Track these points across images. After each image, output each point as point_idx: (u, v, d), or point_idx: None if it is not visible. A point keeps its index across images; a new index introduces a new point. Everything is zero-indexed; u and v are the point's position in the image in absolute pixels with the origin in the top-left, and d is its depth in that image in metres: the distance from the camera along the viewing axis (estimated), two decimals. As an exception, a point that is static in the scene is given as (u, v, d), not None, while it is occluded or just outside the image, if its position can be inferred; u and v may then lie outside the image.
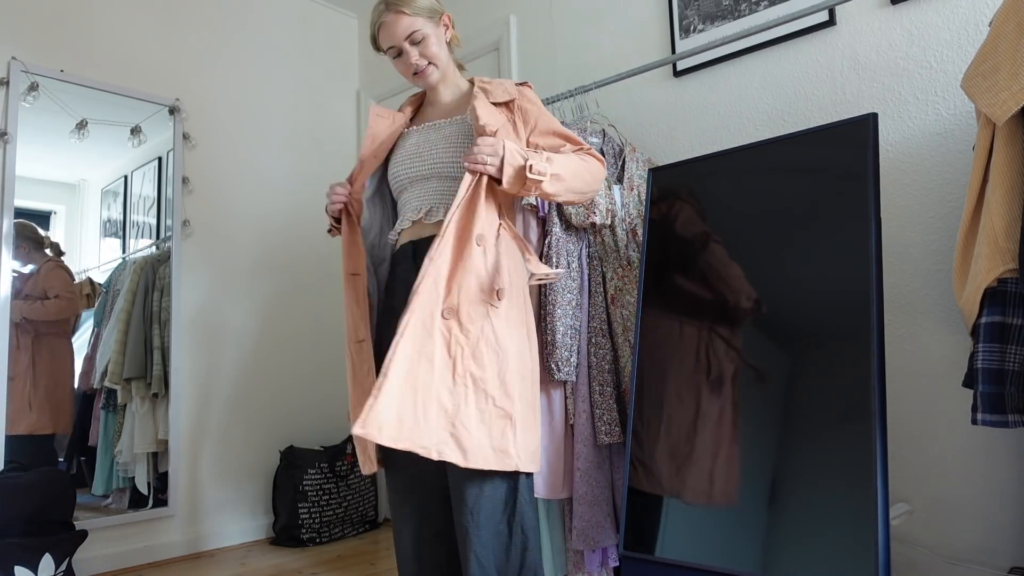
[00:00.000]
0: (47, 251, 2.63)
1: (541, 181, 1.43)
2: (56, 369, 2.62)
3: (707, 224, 1.76)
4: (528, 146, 1.58)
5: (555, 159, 1.48)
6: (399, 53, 1.59)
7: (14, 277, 2.49)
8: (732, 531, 1.49)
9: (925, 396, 1.78)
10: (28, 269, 2.56)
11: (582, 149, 1.61)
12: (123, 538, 2.67)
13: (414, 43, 1.57)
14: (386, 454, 1.58)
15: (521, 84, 1.66)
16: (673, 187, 1.86)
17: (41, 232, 2.62)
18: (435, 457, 1.35)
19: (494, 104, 1.57)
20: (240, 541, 3.00)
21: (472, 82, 1.68)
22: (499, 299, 1.43)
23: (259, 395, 3.15)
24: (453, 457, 1.36)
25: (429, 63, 1.60)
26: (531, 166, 1.41)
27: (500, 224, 1.51)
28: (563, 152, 1.57)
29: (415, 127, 1.68)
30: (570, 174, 1.50)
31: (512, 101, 1.59)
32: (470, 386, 1.39)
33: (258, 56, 3.29)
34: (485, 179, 1.44)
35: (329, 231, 1.73)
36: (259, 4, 3.33)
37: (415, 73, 1.60)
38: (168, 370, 2.84)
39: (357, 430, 1.25)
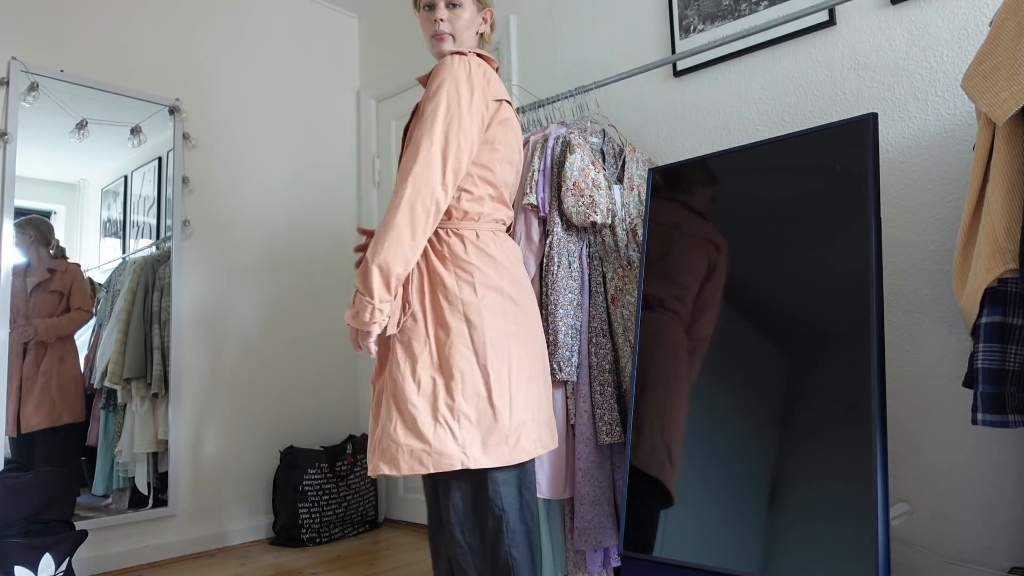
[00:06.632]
0: (51, 251, 2.63)
1: (384, 306, 1.36)
2: (65, 365, 2.64)
3: (706, 224, 1.76)
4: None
5: (378, 251, 1.34)
6: (432, 7, 1.58)
7: (22, 266, 2.51)
8: (732, 531, 1.49)
9: (925, 396, 1.78)
10: (25, 260, 2.56)
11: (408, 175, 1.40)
12: (123, 538, 2.67)
13: (449, 5, 1.57)
14: None
15: (456, 53, 1.50)
16: (673, 187, 1.86)
17: (52, 229, 2.64)
18: None
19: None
20: (240, 541, 3.00)
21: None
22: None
23: (259, 395, 3.14)
24: None
25: (450, 33, 1.58)
26: (369, 318, 1.35)
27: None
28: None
29: None
30: (393, 252, 1.34)
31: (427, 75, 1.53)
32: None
33: (258, 56, 3.29)
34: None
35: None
36: (259, 4, 3.33)
37: (434, 35, 1.58)
38: (168, 370, 2.84)
39: None
